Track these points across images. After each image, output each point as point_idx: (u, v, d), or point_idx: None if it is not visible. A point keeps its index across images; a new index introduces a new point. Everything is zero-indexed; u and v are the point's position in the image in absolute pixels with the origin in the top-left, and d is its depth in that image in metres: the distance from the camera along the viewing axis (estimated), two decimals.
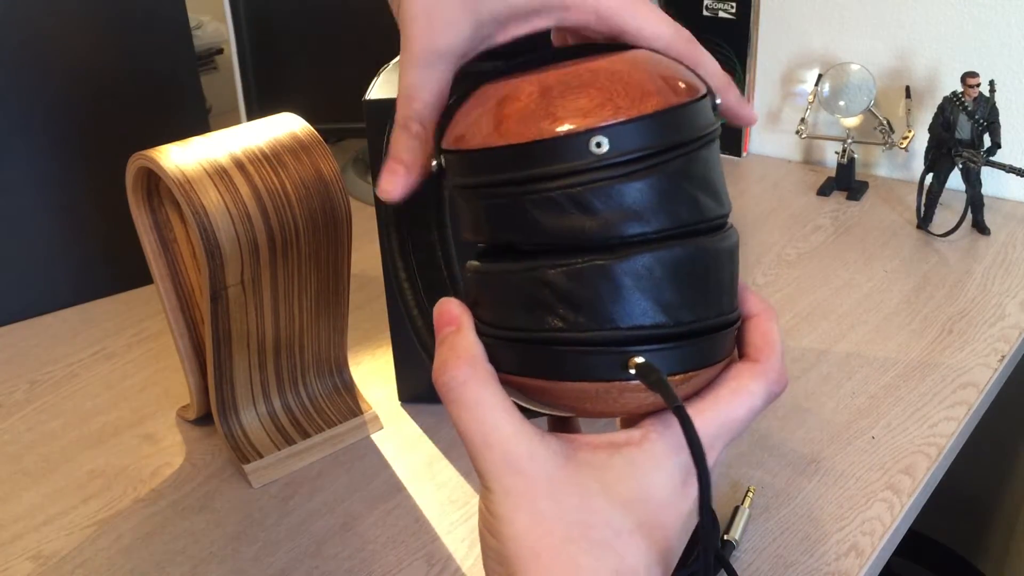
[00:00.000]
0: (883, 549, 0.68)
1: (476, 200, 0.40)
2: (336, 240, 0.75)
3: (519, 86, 0.38)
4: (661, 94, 0.37)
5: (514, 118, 0.37)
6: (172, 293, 0.78)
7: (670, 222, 0.37)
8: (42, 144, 0.98)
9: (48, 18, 0.95)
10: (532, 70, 0.41)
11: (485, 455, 0.38)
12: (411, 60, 0.42)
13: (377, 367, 0.89)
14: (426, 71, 0.42)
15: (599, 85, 0.37)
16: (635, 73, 0.38)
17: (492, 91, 0.40)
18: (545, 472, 0.38)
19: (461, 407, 0.39)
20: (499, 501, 0.38)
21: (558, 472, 0.38)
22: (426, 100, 0.42)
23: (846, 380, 0.85)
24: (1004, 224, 1.10)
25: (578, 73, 0.38)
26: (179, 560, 0.69)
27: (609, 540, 0.38)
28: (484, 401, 0.38)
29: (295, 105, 0.86)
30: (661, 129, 0.37)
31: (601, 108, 0.36)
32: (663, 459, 0.39)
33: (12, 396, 0.89)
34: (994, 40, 1.11)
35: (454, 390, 0.39)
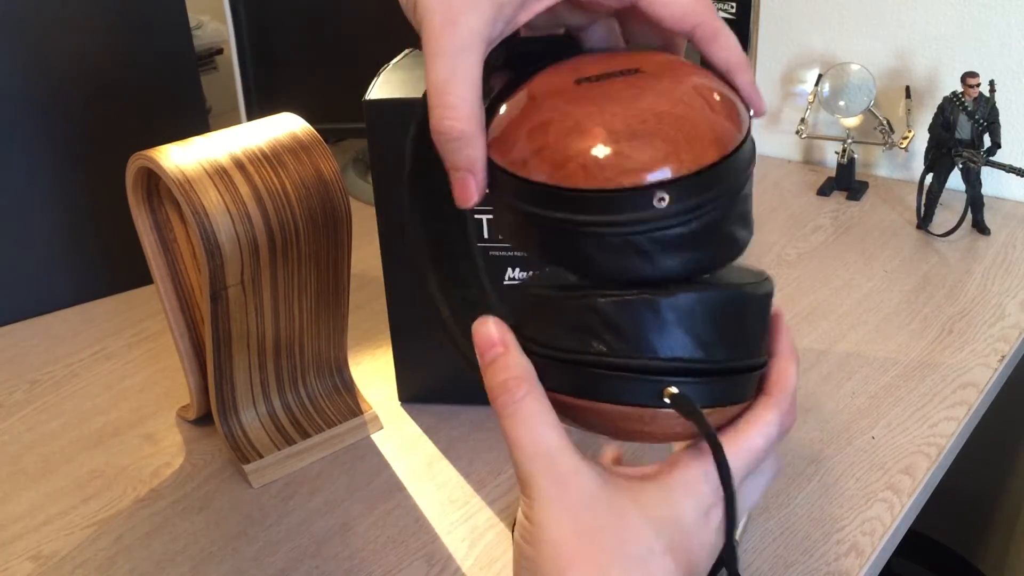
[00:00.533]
0: (883, 549, 0.68)
1: (529, 223, 0.41)
2: (336, 240, 0.75)
3: (583, 123, 0.39)
4: (718, 142, 0.39)
5: (579, 161, 0.38)
6: (172, 293, 0.78)
7: (712, 262, 0.41)
8: (42, 144, 0.98)
9: (48, 18, 0.95)
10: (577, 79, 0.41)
11: (534, 463, 0.40)
12: (436, 53, 0.40)
13: (377, 367, 0.89)
14: (454, 62, 0.40)
15: (663, 135, 0.38)
16: (696, 118, 0.39)
17: (549, 112, 0.40)
18: (587, 486, 0.40)
19: (517, 421, 0.41)
20: (541, 508, 0.40)
21: (598, 490, 0.40)
22: (460, 94, 0.40)
23: (846, 380, 0.85)
24: (1004, 224, 1.10)
25: (643, 118, 0.38)
26: (179, 560, 0.69)
27: (643, 557, 0.39)
28: (538, 414, 0.41)
29: (295, 105, 0.86)
30: (717, 180, 0.39)
31: (665, 161, 0.38)
32: (693, 486, 0.41)
33: (12, 396, 0.89)
34: (994, 40, 1.11)
35: (510, 406, 0.41)
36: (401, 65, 0.80)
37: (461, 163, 0.41)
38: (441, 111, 0.40)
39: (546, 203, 0.39)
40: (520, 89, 0.42)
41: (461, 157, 0.41)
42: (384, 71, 0.79)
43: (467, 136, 0.40)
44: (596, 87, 0.40)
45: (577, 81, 0.41)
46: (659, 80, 0.40)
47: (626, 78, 0.41)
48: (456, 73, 0.40)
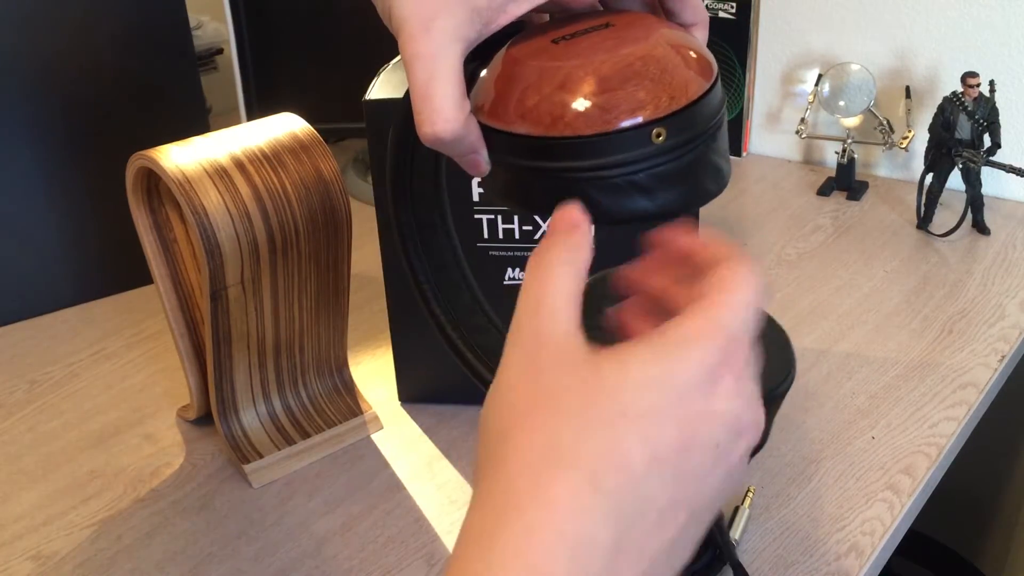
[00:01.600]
0: (883, 549, 0.68)
1: (530, 179, 0.42)
2: (336, 240, 0.75)
3: (574, 73, 0.40)
4: (699, 79, 0.41)
5: (577, 109, 0.39)
6: (172, 293, 0.78)
7: (704, 195, 0.42)
8: (42, 144, 0.98)
9: (47, 18, 0.95)
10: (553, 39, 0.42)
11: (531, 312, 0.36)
12: (414, 57, 0.41)
13: (377, 367, 0.89)
14: (432, 64, 0.40)
15: (651, 76, 0.40)
16: (675, 58, 0.41)
17: (537, 69, 0.41)
18: (568, 347, 0.35)
19: (552, 257, 0.37)
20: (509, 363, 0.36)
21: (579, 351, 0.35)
22: (443, 92, 0.40)
23: (846, 380, 0.85)
24: (1004, 224, 1.10)
25: (629, 62, 0.40)
26: (179, 560, 0.69)
27: (607, 420, 0.33)
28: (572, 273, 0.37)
29: (295, 105, 0.86)
30: (703, 113, 0.41)
31: (657, 100, 0.39)
32: (695, 341, 0.34)
33: (12, 396, 0.89)
34: (994, 40, 1.11)
35: (559, 242, 0.37)
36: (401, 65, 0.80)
37: (463, 152, 0.42)
38: (428, 116, 0.40)
39: (549, 155, 0.40)
40: (497, 57, 0.43)
41: (462, 148, 0.42)
42: (384, 71, 0.79)
43: (458, 133, 0.41)
44: (574, 43, 0.42)
45: (554, 41, 0.42)
46: (632, 29, 0.42)
47: (600, 32, 0.42)
48: (435, 75, 0.40)
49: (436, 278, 0.55)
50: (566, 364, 0.34)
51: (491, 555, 0.31)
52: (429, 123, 0.40)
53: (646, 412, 0.33)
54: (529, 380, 0.35)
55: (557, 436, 0.33)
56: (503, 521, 0.32)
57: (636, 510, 0.32)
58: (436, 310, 0.55)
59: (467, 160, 0.43)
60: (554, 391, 0.34)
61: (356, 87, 0.78)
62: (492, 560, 0.31)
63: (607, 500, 0.32)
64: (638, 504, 0.32)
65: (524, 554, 0.31)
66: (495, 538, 0.32)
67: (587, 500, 0.32)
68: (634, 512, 0.32)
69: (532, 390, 0.34)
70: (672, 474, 0.33)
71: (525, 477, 0.32)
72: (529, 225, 0.76)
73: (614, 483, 0.32)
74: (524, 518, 0.32)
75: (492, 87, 0.42)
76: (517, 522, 0.32)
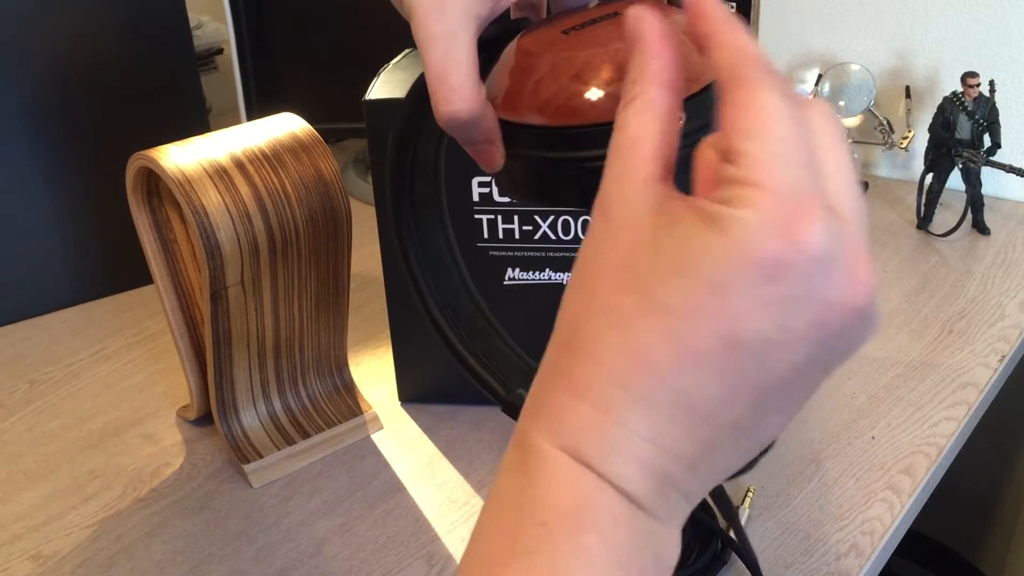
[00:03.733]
0: (883, 549, 0.68)
1: (549, 171, 0.41)
2: (336, 240, 0.75)
3: (592, 61, 0.39)
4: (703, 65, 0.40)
5: (596, 97, 0.39)
6: (172, 293, 0.78)
7: None
8: (42, 144, 0.98)
9: (47, 18, 0.95)
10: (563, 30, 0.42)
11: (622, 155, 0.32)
12: (428, 38, 0.39)
13: (377, 367, 0.89)
14: (447, 44, 0.39)
15: None
16: (687, 43, 0.40)
17: (553, 59, 0.40)
18: (638, 205, 0.31)
19: (653, 107, 0.32)
20: (591, 232, 0.33)
21: (649, 213, 0.31)
22: (460, 73, 0.39)
23: (846, 380, 0.85)
24: (1004, 224, 1.10)
25: None
26: (179, 560, 0.69)
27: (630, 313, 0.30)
28: (666, 128, 0.33)
29: (295, 105, 0.86)
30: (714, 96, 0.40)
31: None
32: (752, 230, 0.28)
33: (12, 396, 0.89)
34: (994, 40, 1.11)
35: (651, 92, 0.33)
36: (401, 65, 0.80)
37: (478, 138, 0.41)
38: (445, 95, 0.39)
39: (568, 145, 0.40)
40: (508, 50, 0.43)
41: (476, 133, 0.41)
42: (384, 71, 0.79)
43: (476, 114, 0.40)
44: (586, 33, 0.41)
45: (564, 32, 0.42)
46: None
47: (610, 21, 0.42)
48: (451, 55, 0.39)
49: (435, 280, 0.55)
50: (619, 233, 0.31)
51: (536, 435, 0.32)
52: (446, 102, 0.39)
53: (677, 308, 0.29)
54: (592, 245, 0.32)
55: (585, 318, 0.31)
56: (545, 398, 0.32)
57: (674, 402, 0.30)
58: (436, 315, 0.54)
59: (482, 151, 0.42)
60: (594, 268, 0.31)
61: (356, 87, 0.78)
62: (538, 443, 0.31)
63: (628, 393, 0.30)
64: (675, 397, 0.30)
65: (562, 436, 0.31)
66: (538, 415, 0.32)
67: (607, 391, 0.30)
68: (672, 403, 0.30)
69: (588, 257, 0.32)
70: (718, 370, 0.29)
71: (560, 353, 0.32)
72: (529, 225, 0.76)
73: (638, 380, 0.30)
74: (555, 401, 0.32)
75: (504, 80, 0.42)
76: (551, 404, 0.32)
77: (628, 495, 0.30)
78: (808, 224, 0.28)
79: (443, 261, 0.54)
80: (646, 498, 0.31)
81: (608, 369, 0.30)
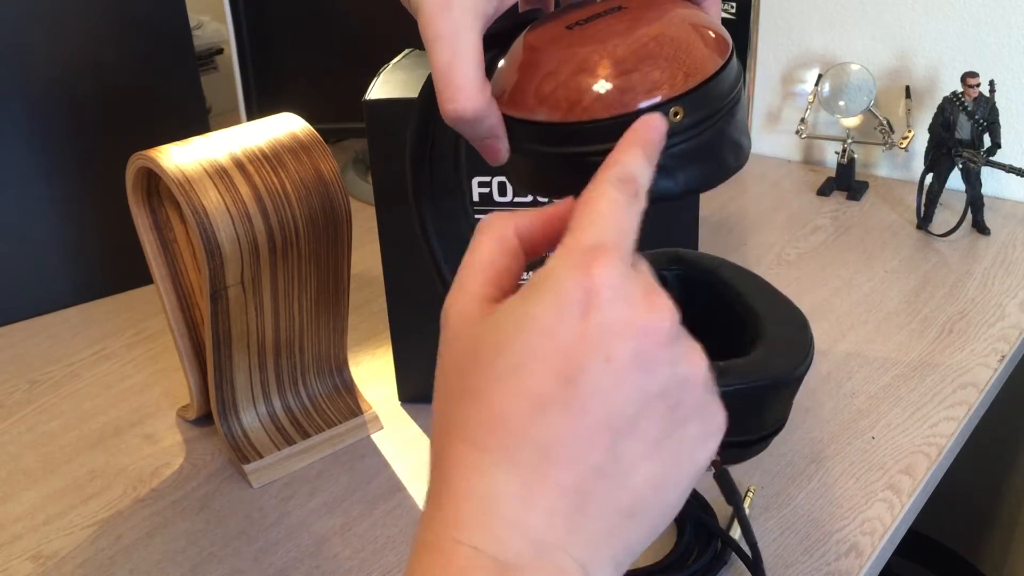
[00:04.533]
0: (883, 549, 0.68)
1: (552, 166, 0.43)
2: (336, 240, 0.75)
3: (590, 57, 0.40)
4: (714, 55, 0.41)
5: (595, 93, 0.40)
6: (172, 293, 0.78)
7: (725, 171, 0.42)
8: (42, 144, 0.98)
9: (47, 18, 0.95)
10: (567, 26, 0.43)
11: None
12: (435, 37, 0.40)
13: (377, 367, 0.89)
14: (453, 43, 0.40)
15: (666, 55, 0.40)
16: (690, 37, 0.41)
17: (553, 56, 0.41)
18: (467, 314, 0.35)
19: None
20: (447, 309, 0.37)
21: (475, 317, 0.35)
22: (465, 73, 0.40)
23: (846, 380, 0.85)
24: (1004, 224, 1.10)
25: (644, 44, 0.40)
26: (179, 560, 0.69)
27: (479, 385, 0.33)
28: None
29: (295, 105, 0.86)
30: (720, 89, 0.41)
31: (673, 79, 0.40)
32: (548, 273, 0.33)
33: (12, 396, 0.89)
34: (994, 40, 1.11)
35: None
36: (401, 65, 0.80)
37: (483, 134, 0.42)
38: (451, 94, 0.40)
39: (569, 140, 0.41)
40: (514, 46, 0.44)
41: (482, 130, 0.42)
42: (384, 71, 0.79)
43: (481, 112, 0.41)
44: (588, 28, 0.42)
45: (568, 27, 0.43)
46: (645, 11, 0.42)
47: (613, 15, 0.42)
48: (458, 54, 0.40)
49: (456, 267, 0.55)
50: (456, 339, 0.35)
51: (422, 532, 0.34)
52: (451, 101, 0.41)
53: (515, 365, 0.32)
54: (439, 364, 0.36)
55: (445, 414, 0.35)
56: (428, 500, 0.34)
57: (535, 453, 0.32)
58: None
59: (487, 145, 0.43)
60: (445, 371, 0.35)
61: (356, 87, 0.78)
62: (423, 536, 0.33)
63: (493, 455, 0.32)
64: (534, 447, 0.32)
65: (440, 523, 0.33)
66: (425, 514, 0.34)
67: (474, 460, 0.33)
68: (533, 455, 0.32)
69: (439, 374, 0.36)
70: (563, 409, 0.32)
71: (433, 458, 0.35)
72: None
73: (495, 440, 0.32)
74: (434, 494, 0.34)
75: (509, 76, 0.43)
76: (432, 499, 0.34)
77: (505, 561, 0.32)
78: (604, 263, 0.32)
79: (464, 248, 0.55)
80: (525, 562, 0.32)
81: (472, 442, 0.33)
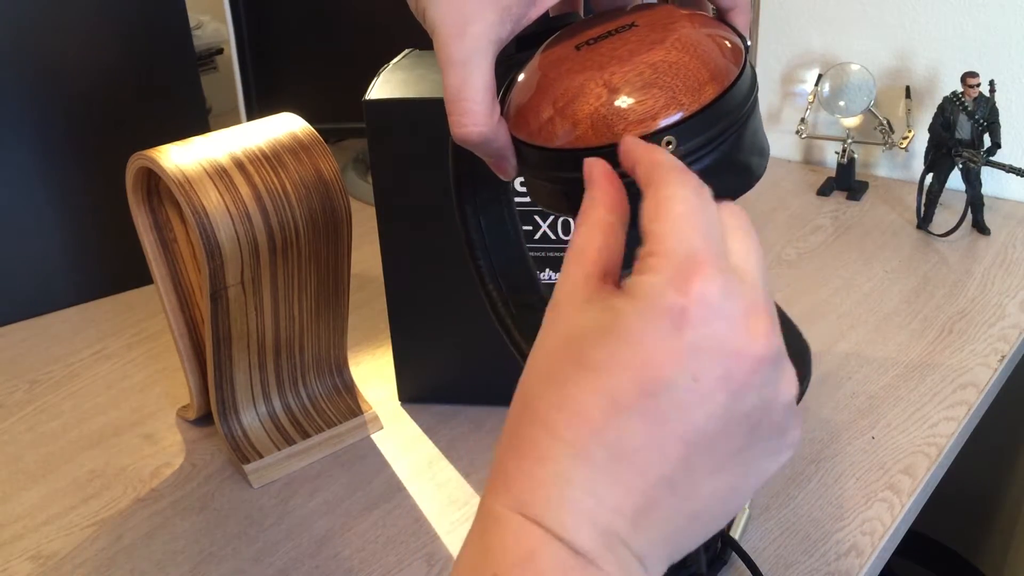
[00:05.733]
0: (883, 549, 0.68)
1: (558, 188, 0.44)
2: (336, 240, 0.75)
3: (585, 85, 0.41)
4: (715, 79, 0.40)
5: (588, 121, 0.40)
6: (172, 293, 0.78)
7: (732, 193, 0.41)
8: (42, 144, 0.98)
9: (47, 18, 0.95)
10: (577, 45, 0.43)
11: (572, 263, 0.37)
12: (448, 63, 0.42)
13: (377, 367, 0.89)
14: (464, 70, 0.42)
15: (661, 84, 0.40)
16: (690, 63, 0.41)
17: (555, 81, 0.42)
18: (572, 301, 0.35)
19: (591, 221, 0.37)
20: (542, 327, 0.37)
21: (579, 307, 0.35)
22: (474, 98, 0.42)
23: (846, 380, 0.85)
24: (1004, 224, 1.10)
25: (640, 71, 0.40)
26: (179, 560, 0.69)
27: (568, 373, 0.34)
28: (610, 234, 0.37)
29: (295, 105, 0.86)
30: (720, 115, 0.41)
31: (667, 108, 0.40)
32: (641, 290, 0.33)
33: (12, 396, 0.89)
34: (994, 40, 1.11)
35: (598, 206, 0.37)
36: (401, 65, 0.80)
37: (491, 155, 0.44)
38: (458, 118, 0.43)
39: (567, 166, 0.41)
40: (531, 63, 0.45)
41: (490, 151, 0.44)
42: (384, 71, 0.79)
43: (487, 136, 0.43)
44: (595, 49, 0.42)
45: (577, 47, 0.43)
46: (652, 31, 0.42)
47: (621, 35, 0.43)
48: (467, 80, 0.42)
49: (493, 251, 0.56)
50: (560, 315, 0.35)
51: (492, 503, 0.34)
52: (459, 125, 0.43)
53: (599, 363, 0.33)
54: (541, 332, 0.36)
55: (527, 393, 0.35)
56: (496, 472, 0.35)
57: (608, 453, 0.33)
58: (490, 287, 0.55)
59: (494, 163, 0.45)
60: (536, 351, 0.36)
61: (356, 87, 0.78)
62: (493, 508, 0.34)
63: (568, 446, 0.33)
64: (608, 447, 0.33)
65: (511, 499, 0.33)
66: (493, 487, 0.35)
67: (548, 445, 0.33)
68: (604, 454, 0.33)
69: (537, 339, 0.36)
70: (642, 419, 0.32)
71: (508, 432, 0.35)
72: (529, 225, 0.76)
73: (571, 432, 0.33)
74: (505, 471, 0.34)
75: (519, 96, 0.44)
76: (501, 475, 0.34)
77: (574, 547, 0.32)
78: (702, 278, 0.32)
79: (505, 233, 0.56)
80: (593, 551, 0.32)
81: (549, 428, 0.33)
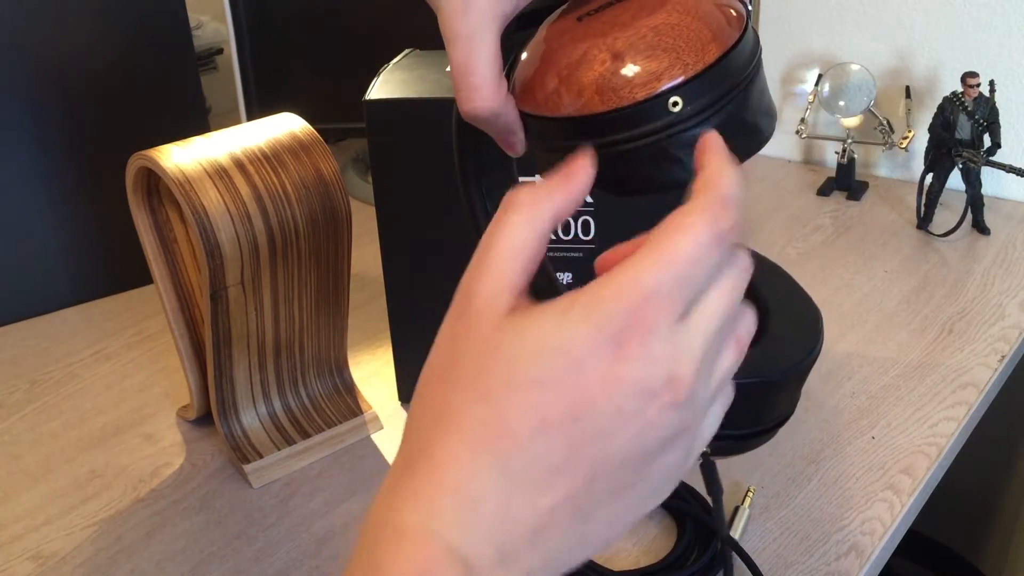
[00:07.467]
0: (883, 549, 0.68)
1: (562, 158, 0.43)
2: (336, 240, 0.75)
3: (589, 52, 0.41)
4: (718, 38, 0.41)
5: (593, 87, 0.40)
6: (172, 293, 0.78)
7: (741, 153, 0.41)
8: (42, 144, 0.98)
9: (47, 18, 0.95)
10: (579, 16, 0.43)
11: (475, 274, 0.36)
12: (453, 38, 0.42)
13: (377, 367, 0.89)
14: (470, 44, 0.42)
15: (664, 46, 0.40)
16: (692, 23, 0.41)
17: (558, 51, 0.42)
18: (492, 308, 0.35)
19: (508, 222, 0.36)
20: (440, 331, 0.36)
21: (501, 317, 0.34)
22: (481, 73, 0.42)
23: (846, 380, 0.85)
24: (1004, 224, 1.10)
25: (642, 35, 0.41)
26: (179, 560, 0.69)
27: (496, 389, 0.33)
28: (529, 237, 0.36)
29: (295, 105, 0.86)
30: (724, 75, 0.41)
31: (671, 69, 0.40)
32: (598, 304, 0.33)
33: (12, 396, 0.89)
34: (994, 40, 1.11)
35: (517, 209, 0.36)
36: (401, 65, 0.80)
37: (499, 130, 0.44)
38: (466, 94, 0.42)
39: (574, 134, 0.41)
40: (535, 37, 0.45)
41: (498, 126, 0.43)
42: (384, 71, 0.79)
43: (496, 111, 0.42)
44: (596, 19, 0.43)
45: (579, 18, 0.43)
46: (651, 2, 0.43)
47: (622, 3, 0.43)
48: (473, 54, 0.41)
49: None
50: (478, 328, 0.34)
51: (390, 513, 0.33)
52: (467, 101, 0.42)
53: (536, 381, 0.33)
54: (446, 344, 0.35)
55: (448, 403, 0.34)
56: (400, 481, 0.34)
57: (525, 468, 0.33)
58: None
59: (503, 139, 0.44)
60: (455, 358, 0.35)
61: (356, 87, 0.78)
62: (391, 518, 0.33)
63: (488, 459, 0.33)
64: (526, 463, 0.33)
65: (415, 510, 0.33)
66: (394, 496, 0.34)
67: (466, 458, 0.33)
68: (523, 470, 0.33)
69: (444, 356, 0.35)
70: (565, 439, 0.33)
71: (418, 441, 0.35)
72: None
73: (494, 446, 0.33)
74: (415, 478, 0.34)
75: (524, 70, 0.44)
76: (409, 482, 0.34)
77: (470, 563, 0.32)
78: (655, 317, 0.33)
79: None
80: (487, 569, 0.32)
81: (470, 442, 0.33)
